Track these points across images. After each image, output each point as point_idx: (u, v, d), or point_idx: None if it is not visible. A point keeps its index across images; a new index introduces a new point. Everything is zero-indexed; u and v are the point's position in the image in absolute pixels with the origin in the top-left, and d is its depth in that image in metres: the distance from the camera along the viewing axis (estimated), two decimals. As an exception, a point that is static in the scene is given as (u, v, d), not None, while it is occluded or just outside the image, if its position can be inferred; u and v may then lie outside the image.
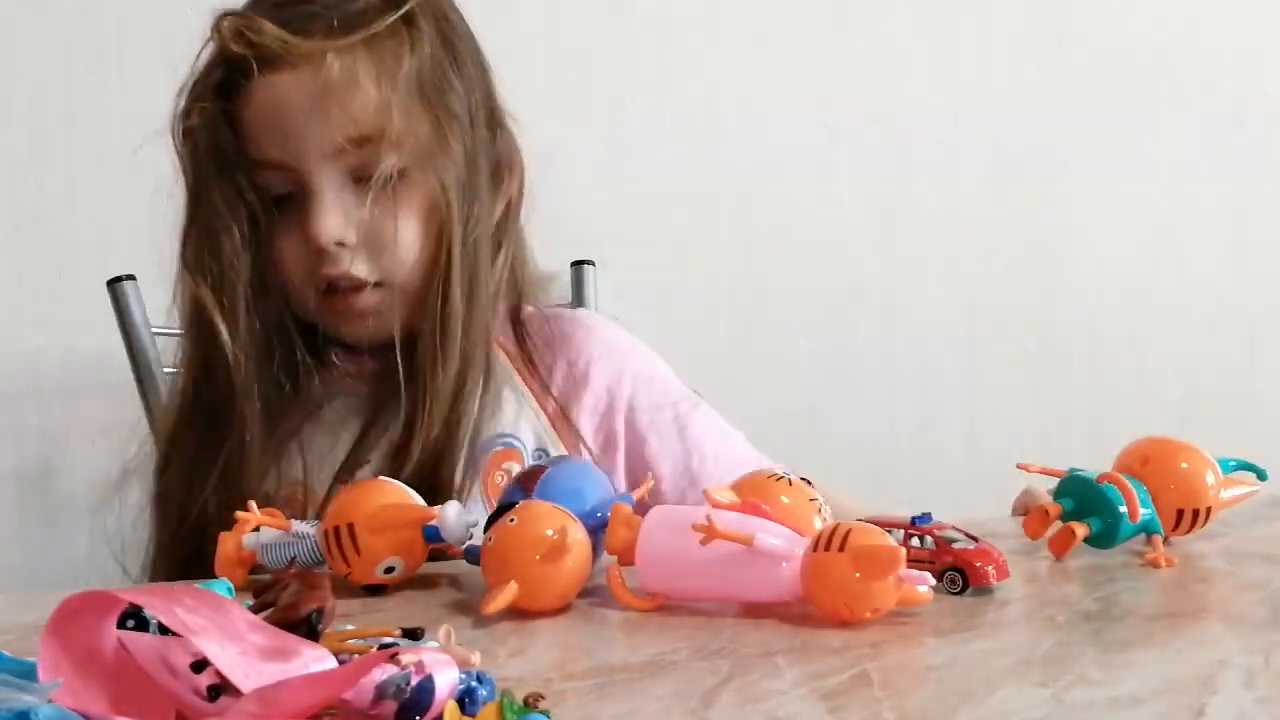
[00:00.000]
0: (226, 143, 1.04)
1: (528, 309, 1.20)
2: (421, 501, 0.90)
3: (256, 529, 0.90)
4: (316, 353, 1.11)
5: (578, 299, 1.60)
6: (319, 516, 0.91)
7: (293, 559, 0.88)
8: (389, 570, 0.87)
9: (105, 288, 1.43)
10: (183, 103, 1.07)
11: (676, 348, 1.69)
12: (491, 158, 1.14)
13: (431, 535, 0.88)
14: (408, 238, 1.06)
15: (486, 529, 0.84)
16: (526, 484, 0.90)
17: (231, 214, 1.04)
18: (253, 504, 0.90)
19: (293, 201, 1.06)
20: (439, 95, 1.08)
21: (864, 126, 1.72)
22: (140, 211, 1.20)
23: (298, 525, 0.90)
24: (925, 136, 1.74)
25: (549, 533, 0.81)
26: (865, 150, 1.72)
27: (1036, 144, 1.77)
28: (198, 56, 1.07)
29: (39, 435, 1.53)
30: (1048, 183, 1.78)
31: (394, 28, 1.05)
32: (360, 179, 1.05)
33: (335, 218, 1.04)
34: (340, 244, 1.05)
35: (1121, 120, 1.79)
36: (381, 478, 0.93)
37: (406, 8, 1.06)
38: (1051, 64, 1.76)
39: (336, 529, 0.86)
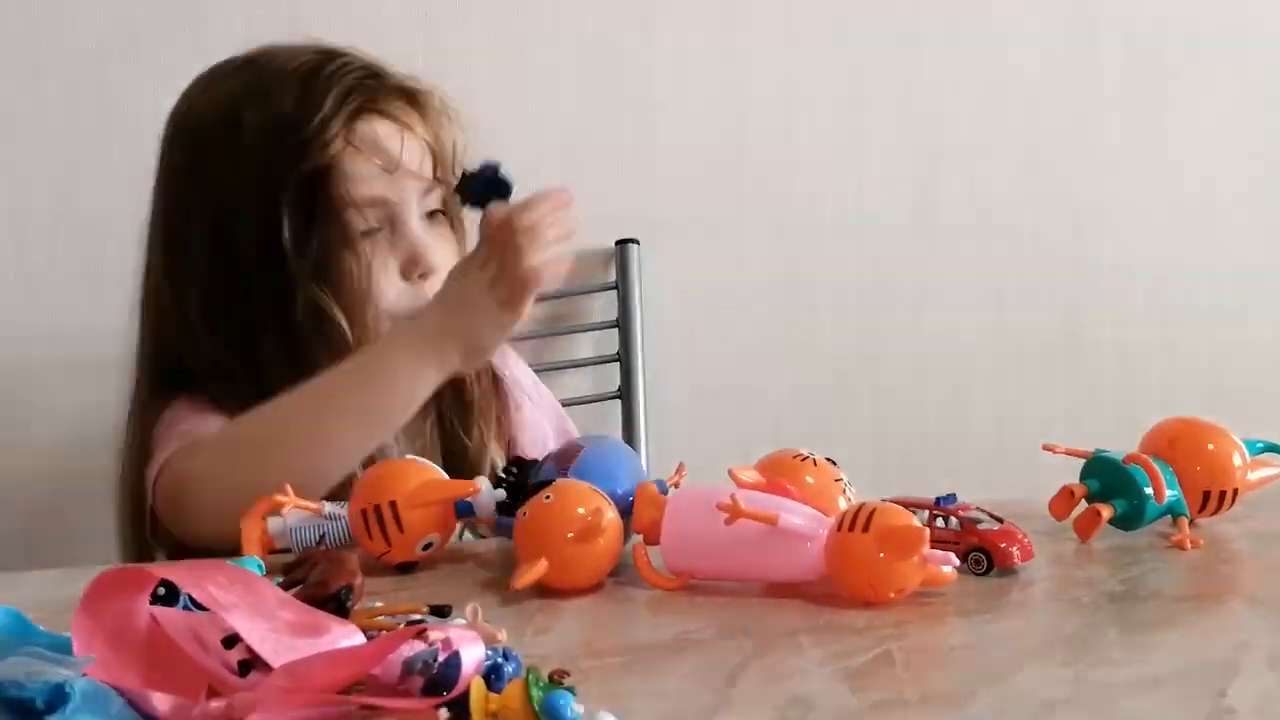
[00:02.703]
0: (340, 182, 1.14)
1: None
2: (444, 475, 0.91)
3: (274, 511, 0.90)
4: None
5: (622, 276, 1.62)
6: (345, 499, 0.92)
7: (321, 538, 0.89)
8: (427, 547, 0.88)
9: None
10: (308, 145, 1.13)
11: (708, 328, 1.70)
12: None
13: (464, 509, 0.88)
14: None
15: (521, 504, 0.85)
16: (562, 463, 0.90)
17: (348, 249, 1.14)
18: (288, 486, 0.90)
19: (377, 235, 1.16)
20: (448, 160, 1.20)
21: (893, 106, 1.71)
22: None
23: (328, 506, 0.91)
24: (955, 117, 1.73)
25: (582, 512, 0.81)
26: (896, 132, 1.71)
27: (1067, 124, 1.75)
28: (311, 106, 1.14)
29: (73, 411, 1.55)
30: (1077, 164, 1.76)
31: (441, 105, 1.20)
32: (424, 217, 1.17)
33: (436, 248, 1.16)
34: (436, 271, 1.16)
35: (1153, 101, 1.77)
36: (409, 456, 0.94)
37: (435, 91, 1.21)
38: (1082, 44, 1.75)
39: (377, 507, 0.87)
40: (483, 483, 0.89)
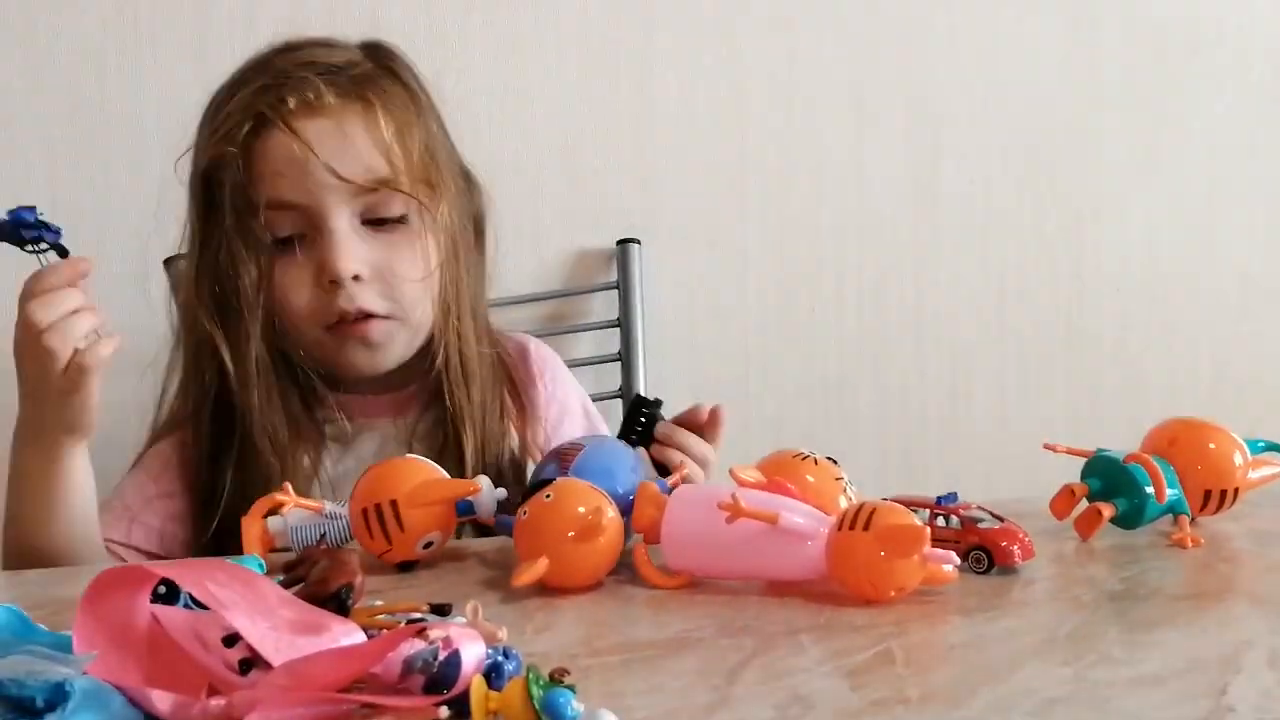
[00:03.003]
0: (243, 186, 1.11)
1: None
2: (445, 474, 0.91)
3: (274, 511, 0.90)
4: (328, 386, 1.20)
5: (623, 275, 1.62)
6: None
7: (322, 537, 0.89)
8: (428, 545, 0.88)
9: (162, 267, 1.45)
10: (204, 144, 1.14)
11: (709, 327, 1.70)
12: (470, 209, 1.24)
13: (464, 509, 0.88)
14: (413, 275, 1.15)
15: (522, 503, 0.85)
16: (563, 461, 0.90)
17: (247, 255, 1.12)
18: (288, 485, 0.91)
19: (300, 242, 1.14)
20: (434, 153, 1.18)
21: (895, 105, 1.71)
22: (181, 193, 1.22)
23: (329, 506, 0.91)
24: (956, 116, 1.73)
25: (583, 511, 0.81)
26: (896, 129, 1.71)
27: (1068, 124, 1.75)
28: (218, 102, 1.15)
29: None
30: (1079, 162, 1.76)
31: (401, 91, 1.17)
32: (367, 221, 1.14)
33: (351, 253, 1.12)
34: (356, 278, 1.13)
35: (1154, 99, 1.77)
36: (409, 455, 0.94)
37: (405, 75, 1.19)
38: (1083, 42, 1.75)
39: (377, 506, 0.87)
40: (483, 482, 0.90)
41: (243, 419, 1.14)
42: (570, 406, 1.30)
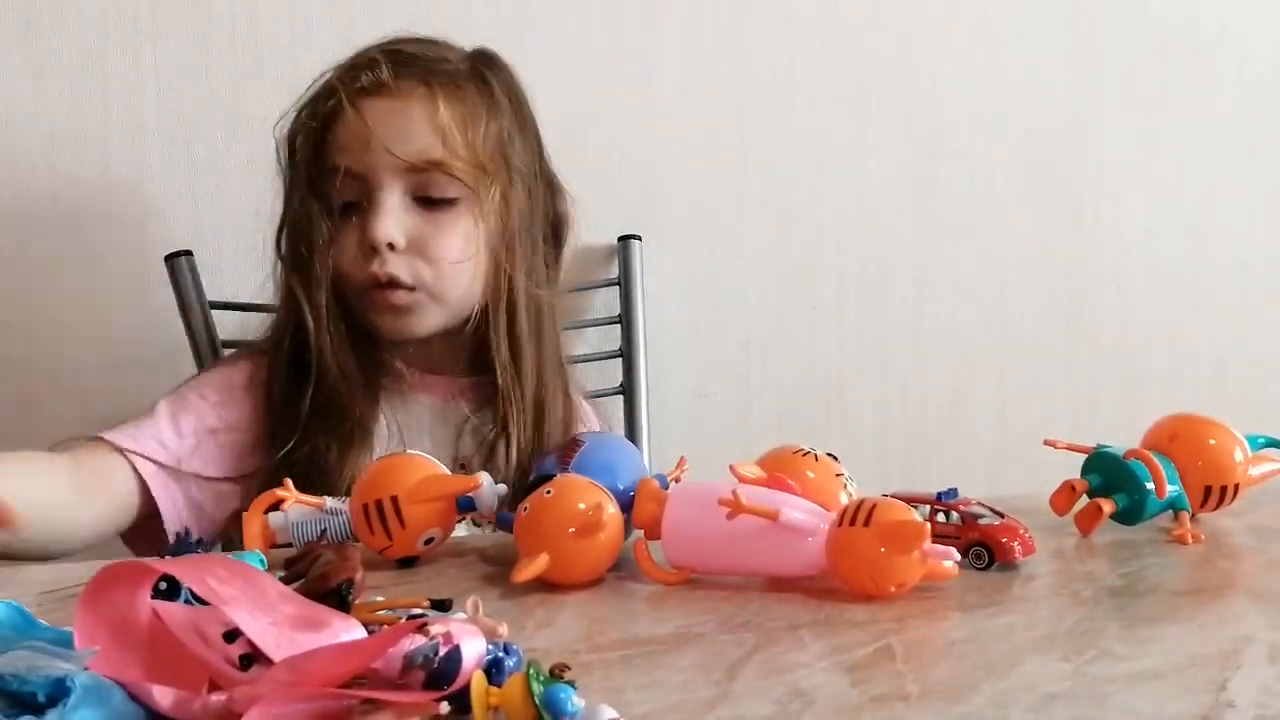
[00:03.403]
0: (317, 154, 1.23)
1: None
2: (446, 470, 0.91)
3: (274, 506, 0.90)
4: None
5: (624, 271, 1.62)
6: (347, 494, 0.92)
7: (323, 533, 0.89)
8: (429, 541, 0.88)
9: (163, 263, 1.45)
10: (292, 119, 1.26)
11: (710, 324, 1.70)
12: (550, 214, 1.34)
13: (465, 504, 0.89)
14: (450, 255, 1.23)
15: (521, 499, 0.85)
16: (563, 457, 0.90)
17: (318, 214, 1.23)
18: (289, 481, 0.91)
19: (358, 209, 1.23)
20: (502, 148, 1.25)
21: (896, 102, 1.71)
22: (195, 188, 1.23)
23: (329, 502, 0.91)
24: (957, 112, 1.73)
25: (583, 507, 0.81)
26: (897, 125, 1.71)
27: (1068, 118, 1.75)
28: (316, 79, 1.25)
29: (76, 410, 1.55)
30: (1080, 158, 1.76)
31: (479, 89, 1.25)
32: (418, 199, 1.22)
33: (391, 223, 1.21)
34: (391, 246, 1.21)
35: (1154, 97, 1.77)
36: (410, 451, 0.95)
37: (492, 79, 1.27)
38: (1083, 38, 1.75)
39: (378, 503, 0.87)
40: (484, 478, 0.90)
41: (318, 357, 1.22)
42: None
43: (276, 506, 0.90)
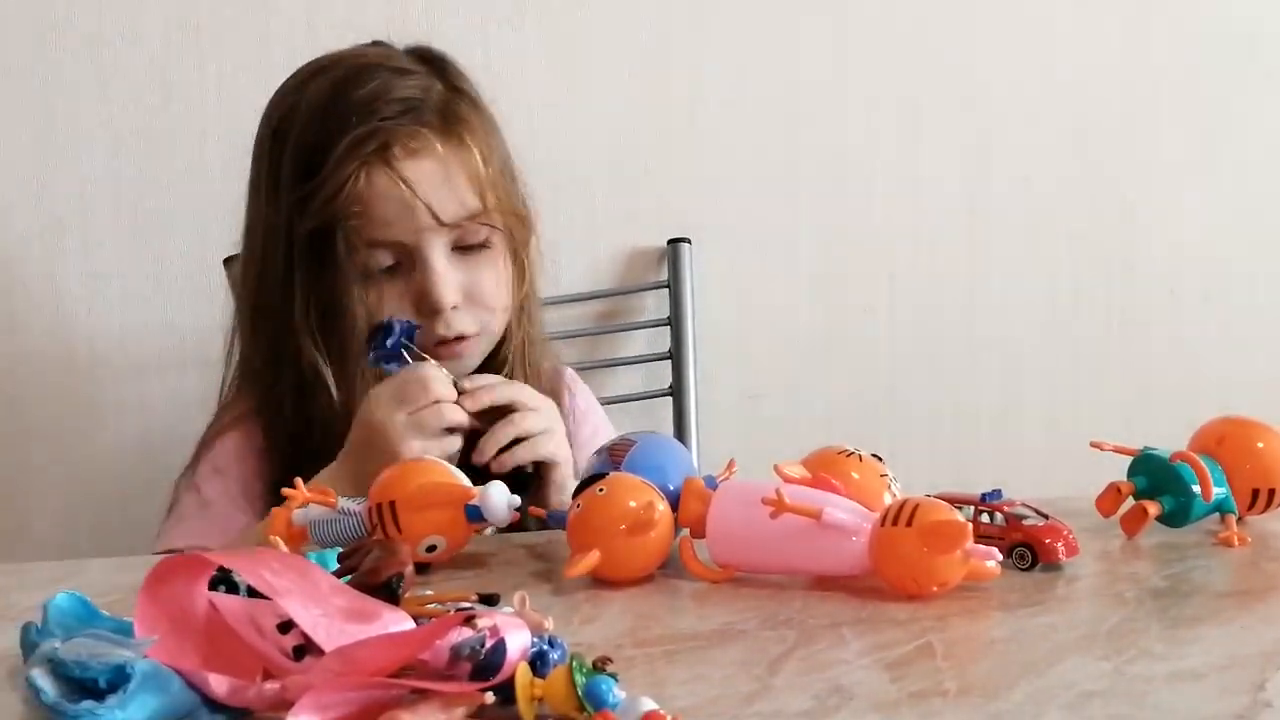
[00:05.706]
0: (355, 229, 1.16)
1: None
2: (467, 481, 0.90)
3: (305, 505, 0.91)
4: None
5: (674, 274, 1.63)
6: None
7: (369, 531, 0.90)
8: (430, 549, 0.88)
9: (221, 266, 1.47)
10: (315, 199, 1.16)
11: (758, 327, 1.71)
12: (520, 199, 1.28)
13: (474, 514, 0.88)
14: (501, 294, 1.21)
15: (575, 496, 0.86)
16: (615, 456, 0.91)
17: (356, 287, 1.16)
18: (299, 480, 0.91)
19: (398, 269, 1.18)
20: (508, 171, 1.24)
21: (946, 104, 1.71)
22: (239, 192, 1.25)
23: (344, 502, 0.91)
24: (1008, 114, 1.72)
25: (634, 505, 0.83)
26: (947, 128, 1.71)
27: (1121, 119, 1.74)
28: (310, 143, 1.17)
29: (139, 409, 1.58)
30: (1132, 160, 1.75)
31: (476, 113, 1.21)
32: (457, 248, 1.19)
33: (449, 284, 1.18)
34: (454, 306, 1.18)
35: (1209, 97, 1.75)
36: (429, 457, 0.95)
37: (468, 88, 1.23)
38: (1137, 41, 1.74)
39: (379, 506, 0.87)
40: (494, 489, 0.88)
41: (338, 420, 1.15)
42: (600, 430, 1.33)
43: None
